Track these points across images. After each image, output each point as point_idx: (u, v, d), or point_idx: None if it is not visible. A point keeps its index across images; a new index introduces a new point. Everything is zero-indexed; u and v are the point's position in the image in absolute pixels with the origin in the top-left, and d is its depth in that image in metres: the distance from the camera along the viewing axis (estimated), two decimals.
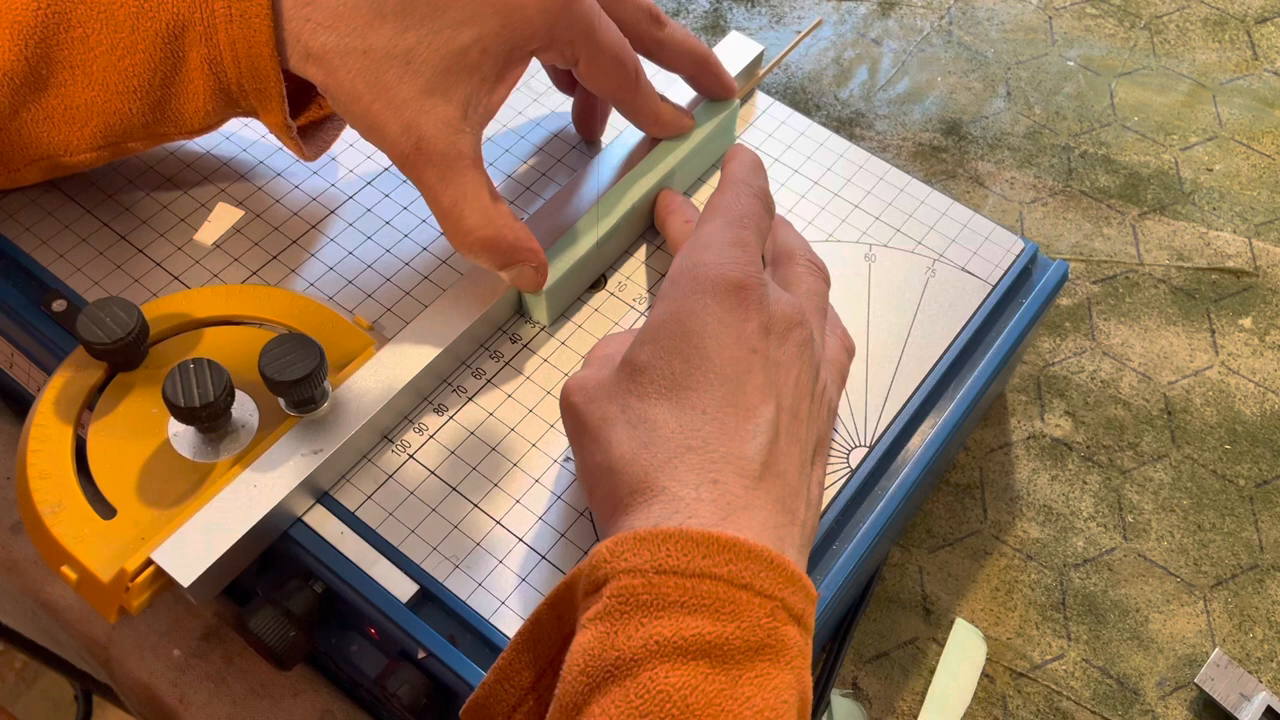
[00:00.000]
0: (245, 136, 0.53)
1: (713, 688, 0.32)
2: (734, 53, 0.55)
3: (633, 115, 0.49)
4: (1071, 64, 0.75)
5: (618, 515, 0.37)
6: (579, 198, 0.49)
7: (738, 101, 0.52)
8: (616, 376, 0.39)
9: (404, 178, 0.52)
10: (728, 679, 0.32)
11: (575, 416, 0.39)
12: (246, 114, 0.44)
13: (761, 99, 0.56)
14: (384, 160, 0.53)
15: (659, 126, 0.50)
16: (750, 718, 0.32)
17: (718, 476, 0.35)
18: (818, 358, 0.40)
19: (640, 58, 0.47)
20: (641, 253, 0.50)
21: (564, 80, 0.53)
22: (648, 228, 0.51)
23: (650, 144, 0.51)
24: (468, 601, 0.41)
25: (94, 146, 0.44)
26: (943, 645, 0.53)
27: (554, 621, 0.36)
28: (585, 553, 0.42)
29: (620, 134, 0.52)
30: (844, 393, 0.47)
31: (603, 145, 0.53)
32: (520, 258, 0.44)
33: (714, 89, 0.51)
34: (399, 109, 0.40)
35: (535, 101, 0.56)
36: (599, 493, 0.38)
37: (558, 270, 0.46)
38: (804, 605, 0.34)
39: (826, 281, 0.44)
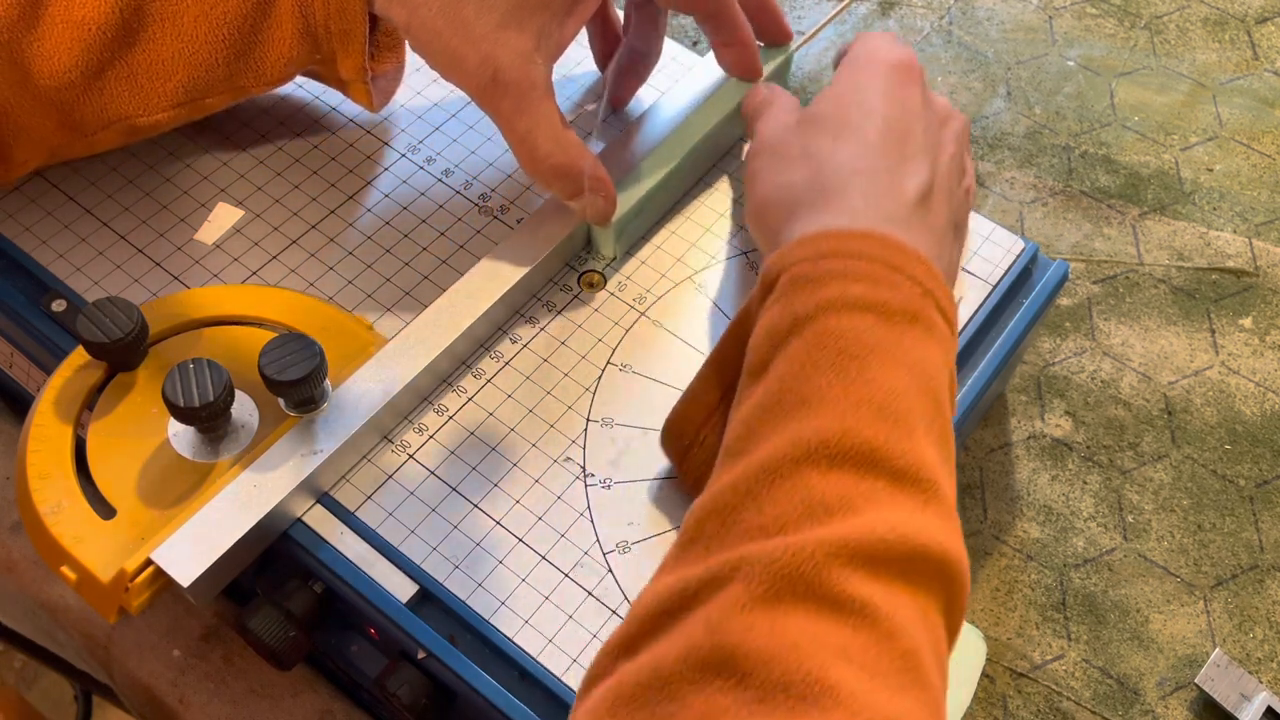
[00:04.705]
0: (245, 137, 0.53)
1: (879, 332, 0.36)
2: None
3: (721, 31, 0.50)
4: (1071, 64, 0.75)
5: (789, 223, 0.41)
6: (640, 138, 0.51)
7: (793, 46, 0.54)
8: (798, 120, 0.45)
9: (403, 178, 0.52)
10: (892, 331, 0.37)
11: (763, 146, 0.45)
12: (324, 60, 0.46)
13: None
14: (383, 161, 0.53)
15: (743, 46, 0.51)
16: (913, 364, 0.36)
17: (881, 196, 0.41)
18: (965, 155, 0.45)
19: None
20: (642, 253, 0.50)
21: (603, 51, 0.54)
22: (710, 167, 0.53)
23: (703, 94, 0.52)
24: (468, 602, 0.41)
25: (173, 104, 0.45)
26: None
27: (735, 346, 0.40)
28: (585, 553, 0.42)
29: (664, 94, 0.53)
30: None
31: (628, 116, 0.55)
32: (590, 186, 0.46)
33: (773, 31, 0.53)
34: (477, 42, 0.42)
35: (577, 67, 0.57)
36: (772, 213, 0.43)
37: (625, 203, 0.48)
38: (950, 306, 0.39)
39: (966, 125, 0.48)
